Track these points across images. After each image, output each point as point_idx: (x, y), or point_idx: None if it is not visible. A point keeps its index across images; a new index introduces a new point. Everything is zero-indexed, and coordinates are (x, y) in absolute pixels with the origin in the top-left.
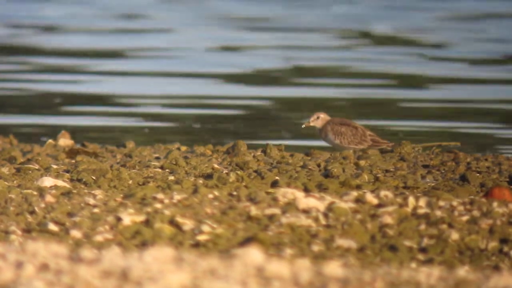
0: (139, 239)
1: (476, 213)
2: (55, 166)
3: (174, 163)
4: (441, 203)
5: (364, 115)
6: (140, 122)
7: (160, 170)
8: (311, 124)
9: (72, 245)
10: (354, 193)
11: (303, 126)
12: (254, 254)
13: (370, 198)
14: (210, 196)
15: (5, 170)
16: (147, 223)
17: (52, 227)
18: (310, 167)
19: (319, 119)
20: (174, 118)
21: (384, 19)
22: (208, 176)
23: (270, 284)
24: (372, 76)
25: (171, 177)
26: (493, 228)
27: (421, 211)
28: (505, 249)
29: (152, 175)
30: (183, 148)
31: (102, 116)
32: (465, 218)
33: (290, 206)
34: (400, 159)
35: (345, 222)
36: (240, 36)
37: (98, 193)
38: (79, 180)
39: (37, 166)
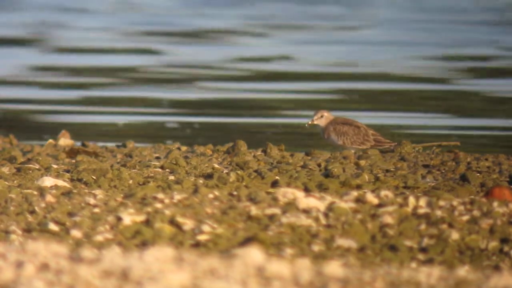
0: (139, 239)
1: (476, 213)
2: (55, 166)
3: (174, 163)
4: (441, 203)
5: None
6: None
7: (160, 170)
8: (315, 122)
9: (73, 245)
10: (355, 193)
11: (307, 124)
12: (254, 254)
13: (371, 198)
14: (210, 196)
15: (5, 170)
16: (148, 223)
17: (53, 227)
18: (310, 167)
19: (323, 118)
20: None
21: None
22: (208, 176)
23: (270, 284)
24: None
25: (171, 177)
26: (494, 228)
27: (421, 211)
28: (506, 249)
29: (152, 175)
30: (183, 148)
31: None
32: (465, 218)
33: (290, 206)
34: (400, 159)
35: (345, 222)
36: None
37: (99, 193)
38: (79, 180)
39: (37, 166)
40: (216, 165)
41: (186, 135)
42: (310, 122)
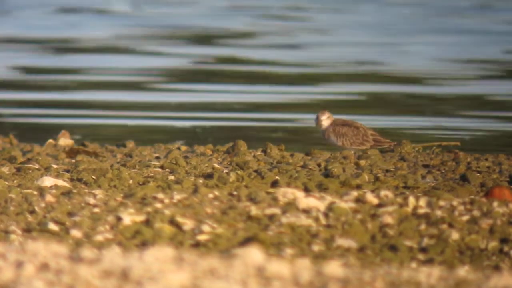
0: (139, 239)
1: (476, 213)
2: (55, 166)
3: (174, 162)
4: (441, 203)
5: None
6: None
7: (160, 169)
8: (323, 123)
9: (72, 245)
10: (354, 193)
11: (317, 125)
12: (254, 254)
13: (370, 198)
14: (210, 196)
15: (5, 169)
16: (147, 223)
17: (52, 226)
18: (310, 167)
19: (328, 119)
20: None
21: None
22: (208, 176)
23: (270, 284)
24: None
25: (171, 177)
26: (493, 228)
27: (421, 211)
28: (505, 249)
29: (152, 174)
30: (183, 147)
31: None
32: (465, 218)
33: (290, 206)
34: (400, 159)
35: (345, 222)
36: None
37: (98, 192)
38: (79, 180)
39: (37, 166)
40: (216, 165)
41: (198, 137)
42: (319, 123)
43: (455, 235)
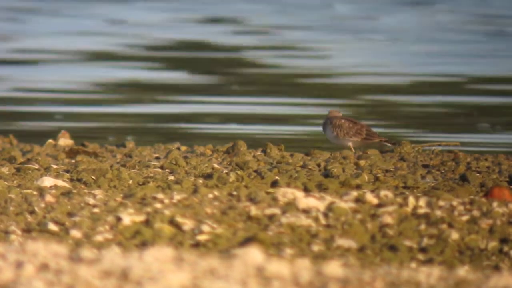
0: (139, 239)
1: (476, 213)
2: (55, 166)
3: (174, 163)
4: (441, 203)
5: None
6: None
7: (160, 170)
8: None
9: (72, 245)
10: (354, 193)
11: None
12: (254, 254)
13: (370, 198)
14: (210, 196)
15: (5, 170)
16: (147, 223)
17: (52, 227)
18: (310, 167)
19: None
20: None
21: None
22: (208, 176)
23: (270, 284)
24: None
25: (171, 177)
26: (493, 228)
27: (421, 211)
28: (505, 249)
29: (152, 175)
30: (183, 148)
31: None
32: (465, 218)
33: (290, 206)
34: (400, 159)
35: (345, 222)
36: None
37: (98, 193)
38: (79, 180)
39: (37, 166)
40: (216, 165)
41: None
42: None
43: (455, 235)
